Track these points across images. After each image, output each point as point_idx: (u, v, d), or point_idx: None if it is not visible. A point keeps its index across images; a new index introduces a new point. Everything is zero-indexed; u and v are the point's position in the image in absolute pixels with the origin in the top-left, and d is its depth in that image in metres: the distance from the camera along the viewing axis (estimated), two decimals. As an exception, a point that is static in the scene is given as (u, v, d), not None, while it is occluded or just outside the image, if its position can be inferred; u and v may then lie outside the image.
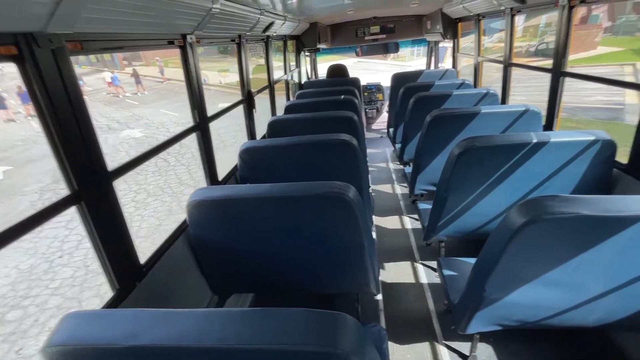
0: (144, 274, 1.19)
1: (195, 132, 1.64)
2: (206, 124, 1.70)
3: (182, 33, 1.41)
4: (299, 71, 4.49)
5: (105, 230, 1.02)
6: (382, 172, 4.02)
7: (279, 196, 1.25)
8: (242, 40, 2.16)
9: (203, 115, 1.67)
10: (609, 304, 1.14)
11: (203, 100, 1.66)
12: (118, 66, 23.98)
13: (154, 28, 1.19)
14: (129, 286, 1.11)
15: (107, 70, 18.68)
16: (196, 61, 1.56)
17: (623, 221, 0.93)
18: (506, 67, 2.78)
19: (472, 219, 1.80)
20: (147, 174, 7.32)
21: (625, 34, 16.22)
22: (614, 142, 1.51)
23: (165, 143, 1.39)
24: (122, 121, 12.12)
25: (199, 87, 1.61)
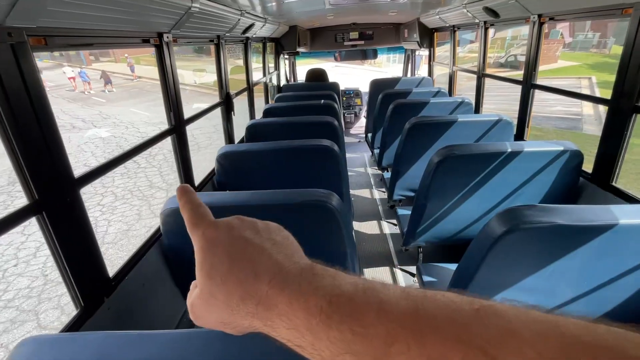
0: (112, 288, 1.11)
1: (171, 136, 1.56)
2: (182, 127, 1.62)
3: (158, 31, 1.34)
4: (278, 74, 4.45)
5: (70, 242, 0.93)
6: (360, 177, 4.05)
7: (259, 204, 1.21)
8: (221, 41, 2.09)
9: (179, 117, 1.59)
10: (579, 309, 1.19)
11: (180, 102, 1.58)
12: (84, 61, 22.74)
13: (128, 25, 1.12)
14: (96, 302, 1.03)
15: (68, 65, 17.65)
16: (172, 61, 1.48)
17: (594, 230, 0.97)
18: (480, 77, 2.89)
19: (450, 225, 1.84)
20: (114, 176, 6.93)
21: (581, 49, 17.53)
22: (580, 152, 1.60)
23: (139, 147, 1.31)
24: (87, 120, 11.44)
25: (175, 88, 1.53)
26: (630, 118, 1.41)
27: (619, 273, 1.08)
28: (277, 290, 0.26)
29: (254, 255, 0.28)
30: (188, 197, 0.35)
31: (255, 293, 0.26)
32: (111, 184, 6.62)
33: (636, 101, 1.37)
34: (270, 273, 0.27)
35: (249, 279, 0.27)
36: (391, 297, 0.23)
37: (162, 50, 1.39)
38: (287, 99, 3.31)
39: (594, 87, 12.22)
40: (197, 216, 0.32)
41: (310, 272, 0.26)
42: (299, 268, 0.27)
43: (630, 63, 1.40)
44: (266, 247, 0.29)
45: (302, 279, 0.26)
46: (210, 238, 0.30)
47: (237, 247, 0.29)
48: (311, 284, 0.25)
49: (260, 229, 0.32)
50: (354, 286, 0.24)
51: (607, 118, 1.51)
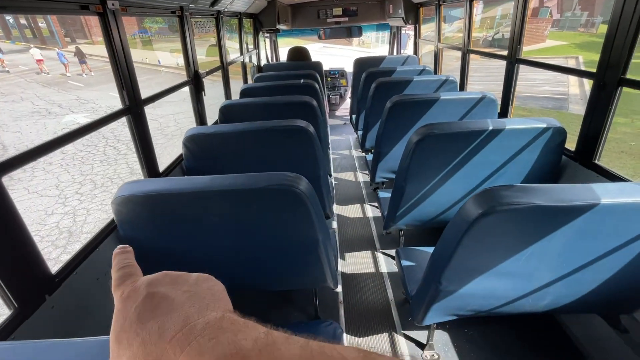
0: (56, 284, 1.01)
1: (126, 117, 1.42)
2: (139, 107, 1.48)
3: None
4: (258, 53, 4.24)
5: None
6: (345, 159, 3.96)
7: (222, 189, 1.11)
8: (185, 13, 1.92)
9: (135, 97, 1.45)
10: (557, 290, 1.15)
11: (135, 79, 1.44)
12: (59, 43, 21.63)
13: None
14: (35, 302, 0.93)
15: (35, 46, 16.84)
16: (122, 32, 1.33)
17: (574, 210, 0.91)
18: (465, 53, 2.78)
19: (430, 208, 1.78)
20: (93, 163, 6.69)
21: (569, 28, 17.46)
22: (564, 130, 1.53)
23: (79, 130, 1.17)
24: (64, 105, 10.94)
25: (127, 63, 1.38)
26: (616, 91, 1.34)
27: (599, 254, 1.03)
28: (176, 349, 0.23)
29: (164, 310, 0.26)
30: (120, 257, 0.33)
31: (155, 353, 0.23)
32: (90, 172, 6.39)
33: (622, 73, 1.30)
34: (174, 330, 0.24)
35: (152, 337, 0.24)
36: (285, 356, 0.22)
37: (107, 19, 1.24)
38: (266, 79, 3.16)
39: (580, 66, 12.24)
40: (122, 277, 0.30)
41: (217, 326, 0.24)
42: (205, 322, 0.24)
43: (617, 34, 1.32)
44: (180, 301, 0.26)
45: (203, 335, 0.23)
46: (126, 298, 0.28)
47: (148, 305, 0.26)
48: (211, 341, 0.23)
49: (180, 281, 0.29)
50: (254, 342, 0.23)
51: (591, 93, 1.44)
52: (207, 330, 0.24)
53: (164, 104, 9.96)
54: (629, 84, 1.29)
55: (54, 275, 1.01)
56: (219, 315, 0.26)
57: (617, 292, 1.16)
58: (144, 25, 21.96)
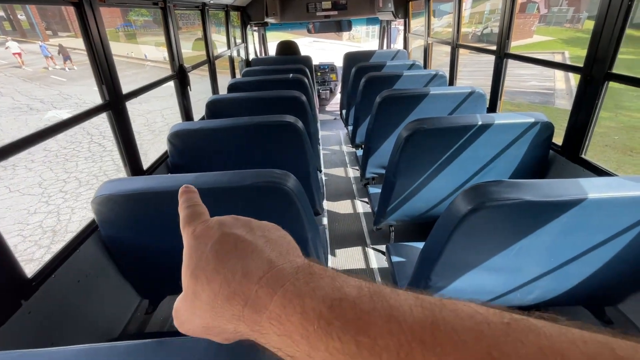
0: (33, 289, 0.96)
1: (106, 112, 1.37)
2: (120, 103, 1.42)
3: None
4: (246, 47, 4.16)
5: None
6: (335, 155, 3.94)
7: (207, 187, 1.08)
8: (168, 5, 1.85)
9: (116, 91, 1.39)
10: (544, 284, 1.16)
11: (115, 74, 1.38)
12: (40, 36, 20.93)
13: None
14: (9, 307, 0.89)
15: (12, 39, 16.31)
16: (100, 24, 1.27)
17: (562, 205, 0.91)
18: (454, 48, 2.78)
19: (420, 203, 1.77)
20: (78, 160, 6.52)
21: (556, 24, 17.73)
22: (551, 124, 1.54)
23: (54, 127, 1.11)
24: (46, 100, 10.60)
25: (106, 56, 1.32)
26: (603, 86, 1.35)
27: (586, 248, 1.04)
28: (268, 290, 0.23)
29: (245, 252, 0.26)
30: (187, 195, 0.34)
31: (242, 292, 0.23)
32: (74, 169, 6.23)
33: (608, 68, 1.31)
34: (261, 271, 0.24)
35: (236, 277, 0.24)
36: (402, 304, 0.20)
37: (84, 10, 1.18)
38: (255, 74, 3.10)
39: (566, 61, 12.45)
40: (191, 215, 0.31)
41: (307, 271, 0.24)
42: (295, 266, 0.24)
43: (604, 28, 1.33)
44: (258, 244, 0.27)
45: (297, 279, 0.23)
46: (199, 235, 0.28)
47: (226, 245, 0.27)
48: (308, 285, 0.22)
49: (254, 226, 0.30)
50: (358, 289, 0.22)
51: (578, 87, 1.45)
52: (299, 274, 0.23)
53: (150, 99, 9.75)
54: (616, 78, 1.29)
55: (30, 279, 0.97)
56: (305, 262, 0.25)
57: (602, 284, 1.18)
58: (129, 18, 21.38)
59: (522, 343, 0.17)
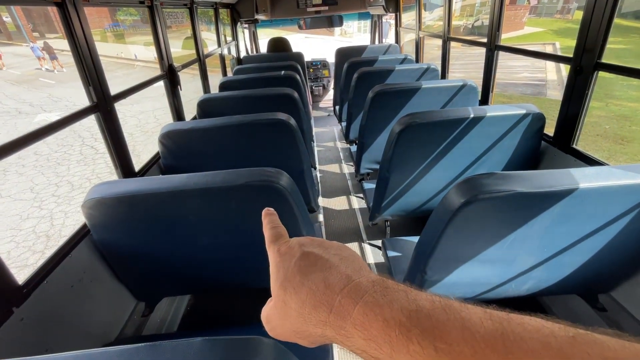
0: (24, 296, 0.95)
1: (94, 114, 1.35)
2: (109, 104, 1.40)
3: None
4: (237, 45, 4.12)
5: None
6: (329, 151, 3.93)
7: (199, 188, 1.07)
8: (155, 4, 1.82)
9: (104, 93, 1.37)
10: (538, 274, 1.17)
11: (102, 75, 1.35)
12: (27, 38, 20.54)
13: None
14: (0, 315, 0.87)
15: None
16: (85, 24, 1.24)
17: (554, 196, 0.92)
18: (445, 41, 2.77)
19: (414, 198, 1.78)
20: (70, 164, 6.44)
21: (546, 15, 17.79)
22: (543, 115, 1.55)
23: (40, 131, 1.09)
24: (35, 104, 10.43)
25: (92, 57, 1.30)
26: (592, 76, 1.35)
27: (578, 238, 1.05)
28: (350, 300, 0.26)
29: (324, 268, 0.30)
30: (269, 218, 0.38)
31: (327, 301, 0.27)
32: (67, 172, 6.15)
33: (598, 57, 1.31)
34: (342, 284, 0.27)
35: (320, 288, 0.28)
36: (473, 317, 0.22)
37: (67, 10, 1.15)
38: (246, 72, 3.07)
39: (557, 52, 12.52)
40: (274, 235, 0.36)
41: (383, 285, 0.26)
42: (370, 280, 0.27)
43: (593, 18, 1.33)
44: (334, 262, 0.30)
45: (375, 291, 0.26)
46: (284, 253, 0.33)
47: (307, 261, 0.31)
48: (385, 297, 0.25)
49: (327, 246, 0.33)
50: (431, 302, 0.24)
51: (568, 78, 1.45)
52: (376, 287, 0.26)
53: (142, 100, 9.64)
54: (605, 68, 1.30)
55: (21, 286, 0.95)
56: (378, 277, 0.28)
57: (595, 273, 1.19)
58: (117, 17, 21.05)
59: (588, 355, 0.18)
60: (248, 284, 1.56)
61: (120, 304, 1.38)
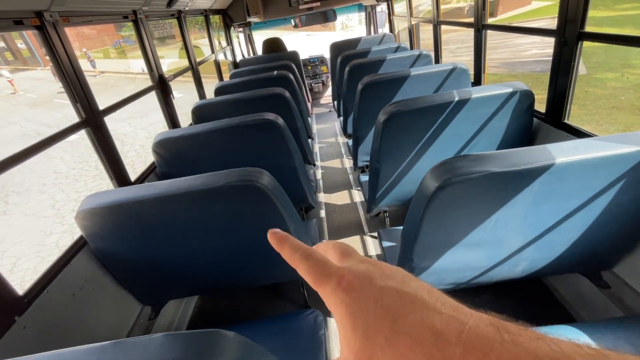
0: (25, 305, 1.01)
1: (85, 129, 1.40)
2: (98, 118, 1.46)
3: (35, 10, 1.15)
4: (232, 49, 4.16)
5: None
6: (331, 147, 3.94)
7: (183, 192, 1.10)
8: (139, 17, 1.87)
9: (92, 108, 1.43)
10: (530, 255, 1.15)
11: (88, 91, 1.41)
12: (40, 62, 21.39)
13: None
14: (3, 324, 0.93)
15: (2, 68, 16.97)
16: (66, 44, 1.29)
17: (529, 173, 0.90)
18: (435, 26, 2.72)
19: (408, 186, 1.77)
20: (87, 179, 6.70)
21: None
22: (531, 92, 1.50)
23: (33, 148, 1.15)
24: (52, 124, 10.88)
25: (77, 75, 1.35)
26: (577, 46, 1.30)
27: (564, 215, 1.02)
28: (474, 352, 0.19)
29: (415, 308, 0.22)
30: (290, 243, 0.28)
31: (441, 355, 0.20)
32: (84, 188, 6.40)
33: (581, 27, 1.26)
34: (452, 329, 0.20)
35: (425, 335, 0.20)
36: None
37: (47, 32, 1.20)
38: (242, 75, 3.11)
39: (567, 25, 11.98)
40: (317, 265, 0.25)
41: (504, 329, 0.20)
42: (486, 322, 0.20)
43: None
44: (425, 298, 0.22)
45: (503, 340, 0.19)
46: (352, 289, 0.23)
47: (393, 299, 0.22)
48: (521, 347, 0.19)
49: (403, 275, 0.25)
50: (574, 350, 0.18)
51: (554, 51, 1.41)
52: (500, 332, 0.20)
53: (151, 112, 9.89)
54: (589, 37, 1.25)
55: (22, 296, 1.01)
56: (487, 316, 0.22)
57: (592, 250, 1.16)
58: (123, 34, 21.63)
59: None
60: (248, 283, 1.59)
61: (125, 309, 1.44)
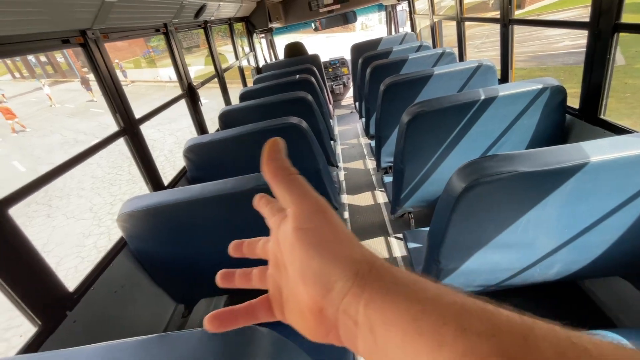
0: (75, 301, 1.10)
1: (123, 137, 1.50)
2: (135, 127, 1.56)
3: (79, 29, 1.25)
4: (255, 55, 4.27)
5: (6, 265, 0.91)
6: (353, 148, 3.94)
7: (213, 196, 1.16)
8: (169, 29, 1.98)
9: (129, 117, 1.53)
10: (565, 257, 1.10)
11: (126, 102, 1.51)
12: (77, 74, 22.81)
13: (34, 26, 1.03)
14: (57, 318, 1.02)
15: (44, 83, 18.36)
16: (106, 58, 1.39)
17: (562, 173, 0.87)
18: (459, 22, 2.67)
19: (433, 187, 1.74)
20: (121, 184, 7.07)
21: (587, -26, 16.09)
22: (563, 88, 1.45)
23: (81, 155, 1.25)
24: (88, 132, 11.58)
25: (116, 87, 1.45)
26: (612, 39, 1.24)
27: (601, 215, 0.98)
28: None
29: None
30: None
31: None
32: (118, 192, 6.76)
33: (616, 18, 1.20)
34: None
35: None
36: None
37: (90, 48, 1.31)
38: (265, 80, 3.19)
39: (603, 13, 11.29)
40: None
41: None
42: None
43: None
44: None
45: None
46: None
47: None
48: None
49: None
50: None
51: (587, 44, 1.35)
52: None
53: (178, 118, 10.28)
54: (625, 28, 1.19)
55: (72, 292, 1.10)
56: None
57: (633, 251, 1.10)
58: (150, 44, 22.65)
59: None
60: None
61: (160, 307, 1.52)
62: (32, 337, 0.95)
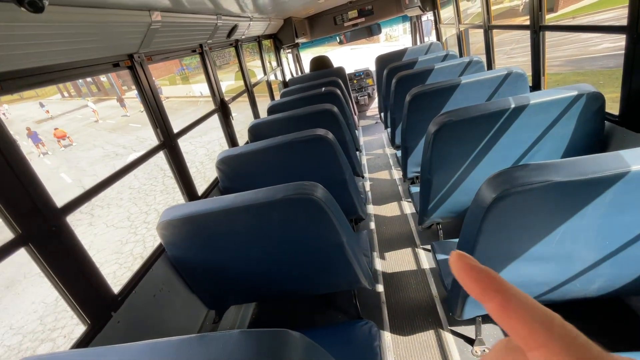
0: (119, 303, 1.18)
1: (162, 151, 1.62)
2: (173, 141, 1.67)
3: (127, 53, 1.38)
4: (282, 69, 4.42)
5: (64, 268, 1.00)
6: (379, 158, 3.93)
7: (245, 205, 1.21)
8: (204, 49, 2.11)
9: (168, 132, 1.64)
10: (607, 272, 1.05)
11: (166, 117, 1.63)
12: (118, 92, 24.52)
13: (88, 54, 1.16)
14: (104, 318, 1.10)
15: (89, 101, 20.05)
16: (150, 79, 1.52)
17: (601, 182, 0.84)
18: (487, 30, 2.63)
19: (462, 197, 1.71)
20: (155, 194, 7.45)
21: (627, -27, 15.24)
22: (600, 94, 1.39)
23: (127, 167, 1.36)
24: (127, 145, 12.38)
25: (157, 104, 1.58)
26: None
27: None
28: None
29: None
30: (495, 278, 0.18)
31: None
32: (153, 201, 7.12)
33: (657, 21, 1.15)
34: None
35: None
36: None
37: (136, 70, 1.43)
38: (292, 93, 3.29)
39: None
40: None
41: None
42: None
43: None
44: None
45: None
46: None
47: None
48: None
49: None
50: None
51: (626, 49, 1.29)
52: None
53: (209, 131, 10.76)
54: None
55: (117, 295, 1.19)
56: None
57: (686, 266, 1.02)
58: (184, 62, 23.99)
59: None
60: (302, 292, 1.66)
61: (194, 312, 1.58)
62: (82, 335, 1.04)
